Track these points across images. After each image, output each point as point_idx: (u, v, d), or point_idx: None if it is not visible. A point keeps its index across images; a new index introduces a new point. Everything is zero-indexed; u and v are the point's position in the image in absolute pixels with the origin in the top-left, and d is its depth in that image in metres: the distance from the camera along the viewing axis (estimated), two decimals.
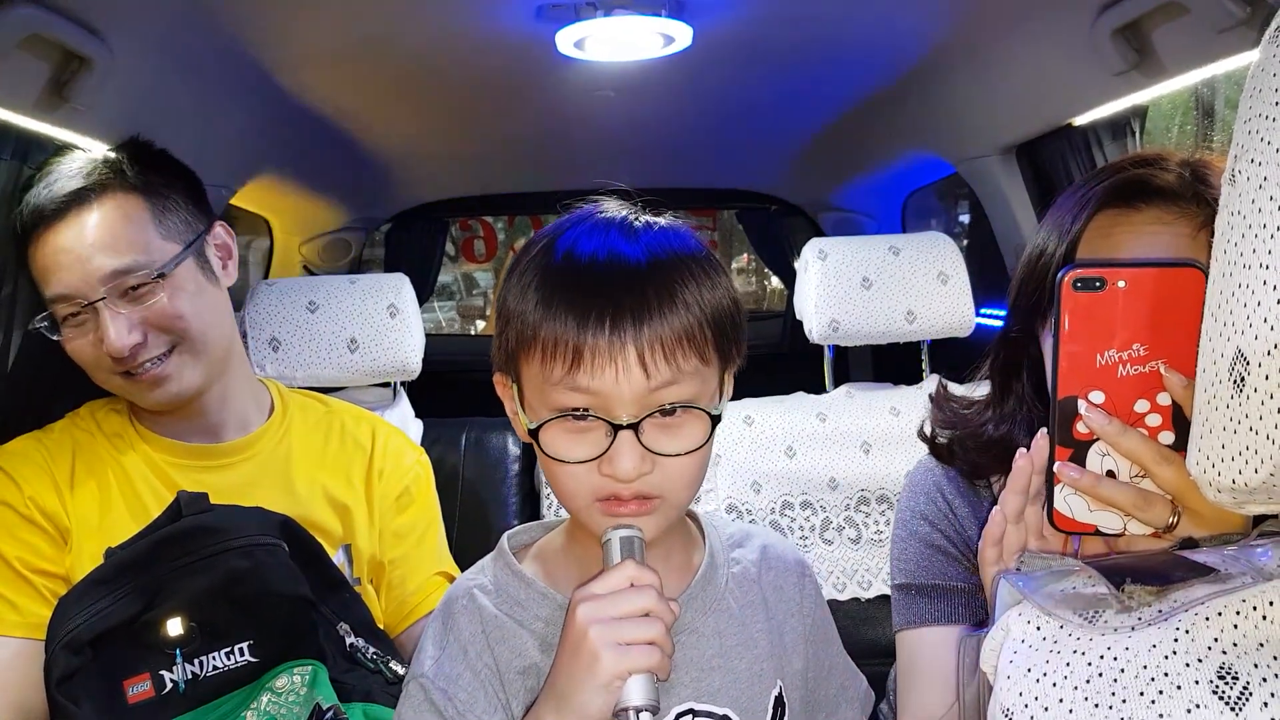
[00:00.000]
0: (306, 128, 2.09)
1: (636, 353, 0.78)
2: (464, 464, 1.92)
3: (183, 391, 1.27)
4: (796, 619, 0.99)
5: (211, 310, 1.31)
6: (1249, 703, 0.56)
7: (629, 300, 0.78)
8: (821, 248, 1.93)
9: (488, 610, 0.90)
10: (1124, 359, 0.79)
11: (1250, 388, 0.50)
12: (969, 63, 1.80)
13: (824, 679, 1.02)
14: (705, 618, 0.93)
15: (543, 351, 0.80)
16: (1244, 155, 0.51)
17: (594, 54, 1.68)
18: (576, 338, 0.78)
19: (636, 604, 0.79)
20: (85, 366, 1.26)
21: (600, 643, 0.77)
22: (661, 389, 0.80)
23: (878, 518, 1.84)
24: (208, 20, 1.45)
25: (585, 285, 0.80)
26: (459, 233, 5.97)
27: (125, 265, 1.21)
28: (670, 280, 0.81)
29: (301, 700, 1.11)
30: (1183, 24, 1.30)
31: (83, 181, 1.23)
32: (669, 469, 0.82)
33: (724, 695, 0.91)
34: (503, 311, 0.85)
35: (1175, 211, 0.95)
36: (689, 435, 0.82)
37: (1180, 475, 0.77)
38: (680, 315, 0.80)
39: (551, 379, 0.80)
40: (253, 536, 1.16)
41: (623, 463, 0.80)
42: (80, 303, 1.21)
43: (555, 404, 0.81)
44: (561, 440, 0.82)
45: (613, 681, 0.77)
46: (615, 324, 0.78)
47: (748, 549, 1.00)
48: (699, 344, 0.81)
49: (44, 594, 1.19)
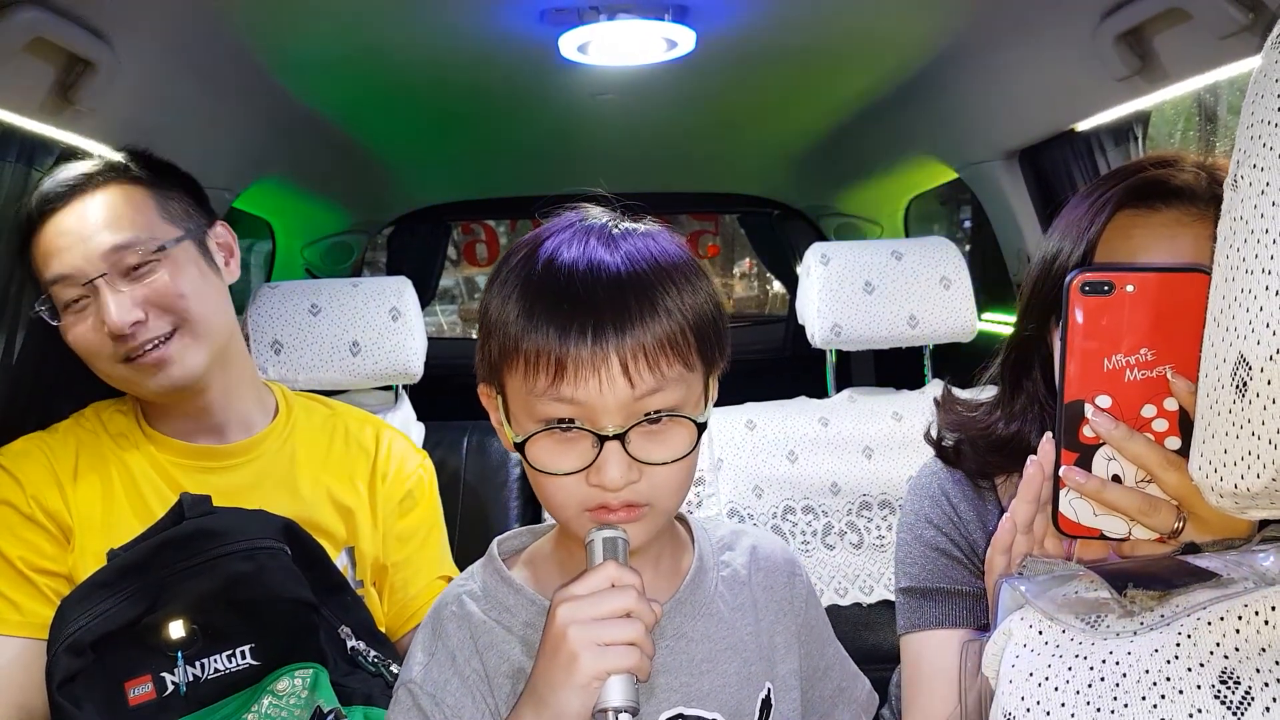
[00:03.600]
0: (309, 131, 2.09)
1: (620, 362, 0.78)
2: (465, 467, 1.92)
3: (185, 376, 1.26)
4: (788, 618, 1.00)
5: (213, 295, 1.32)
6: (1251, 707, 0.56)
7: (610, 310, 0.79)
8: (824, 252, 1.93)
9: (476, 616, 0.91)
10: (1131, 363, 0.78)
11: (1252, 393, 0.50)
12: (972, 68, 1.80)
13: (819, 679, 1.02)
14: (694, 622, 0.93)
15: (525, 363, 0.80)
16: (1246, 160, 0.51)
17: (597, 58, 1.68)
18: (559, 349, 0.78)
19: (617, 604, 0.78)
20: (87, 356, 1.25)
21: (579, 643, 0.77)
22: (646, 397, 0.80)
23: (879, 523, 1.84)
24: (212, 24, 1.45)
25: (566, 295, 0.79)
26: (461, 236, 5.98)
27: (126, 240, 1.22)
28: (650, 287, 0.81)
29: (303, 703, 1.11)
30: (1185, 30, 1.30)
31: (89, 169, 1.26)
32: (656, 477, 0.82)
33: (713, 699, 0.91)
34: (485, 322, 0.86)
35: (1194, 213, 0.95)
36: (675, 443, 0.83)
37: (1186, 481, 0.77)
38: (662, 322, 0.80)
39: (536, 390, 0.80)
40: (255, 540, 1.16)
41: (610, 473, 0.80)
42: (80, 282, 1.21)
43: (540, 415, 0.81)
44: (548, 452, 0.82)
45: (591, 682, 0.77)
46: (597, 334, 0.78)
47: (737, 551, 1.00)
48: (682, 350, 0.81)
49: (46, 594, 1.19)
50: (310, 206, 2.76)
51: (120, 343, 1.22)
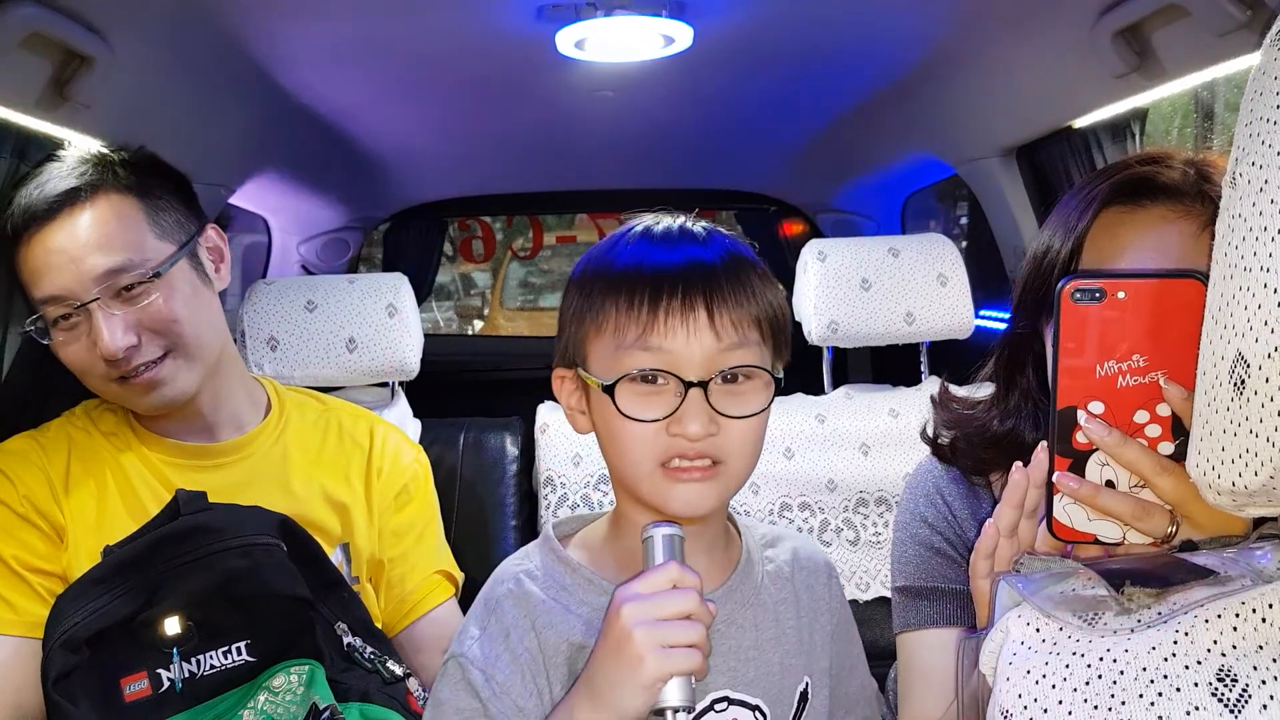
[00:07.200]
0: (306, 127, 2.09)
1: (707, 316, 0.84)
2: (462, 464, 1.92)
3: (177, 396, 1.26)
4: (825, 617, 1.03)
5: (205, 313, 1.30)
6: (1248, 705, 0.56)
7: (699, 278, 0.85)
8: (821, 249, 1.93)
9: (535, 595, 0.93)
10: (1124, 370, 0.79)
11: (1251, 390, 0.50)
12: (969, 64, 1.80)
13: (847, 677, 1.06)
14: (744, 610, 0.96)
15: (616, 322, 0.86)
16: (1244, 158, 0.51)
17: (594, 54, 1.67)
18: (650, 307, 0.84)
19: (680, 606, 0.81)
20: (78, 372, 1.24)
21: (645, 645, 0.79)
22: (729, 351, 0.86)
23: (876, 520, 1.84)
24: (208, 19, 1.44)
25: (659, 272, 0.86)
26: (457, 233, 5.98)
27: (119, 264, 1.20)
28: (738, 270, 0.88)
29: (298, 700, 1.11)
30: (1183, 27, 1.30)
31: (75, 181, 1.22)
32: (733, 433, 0.87)
33: (757, 686, 0.94)
34: (566, 315, 0.92)
35: (1180, 209, 0.95)
36: (753, 399, 0.88)
37: (1179, 486, 0.77)
38: (747, 297, 0.87)
39: (625, 343, 0.85)
40: (251, 536, 1.16)
41: (692, 421, 0.84)
42: (73, 304, 1.19)
43: (627, 365, 0.86)
44: (632, 401, 0.86)
45: (655, 684, 0.79)
46: (687, 292, 0.85)
47: (780, 549, 1.04)
48: (759, 325, 0.88)
49: (40, 593, 1.19)
50: (306, 202, 2.76)
51: (113, 365, 1.21)
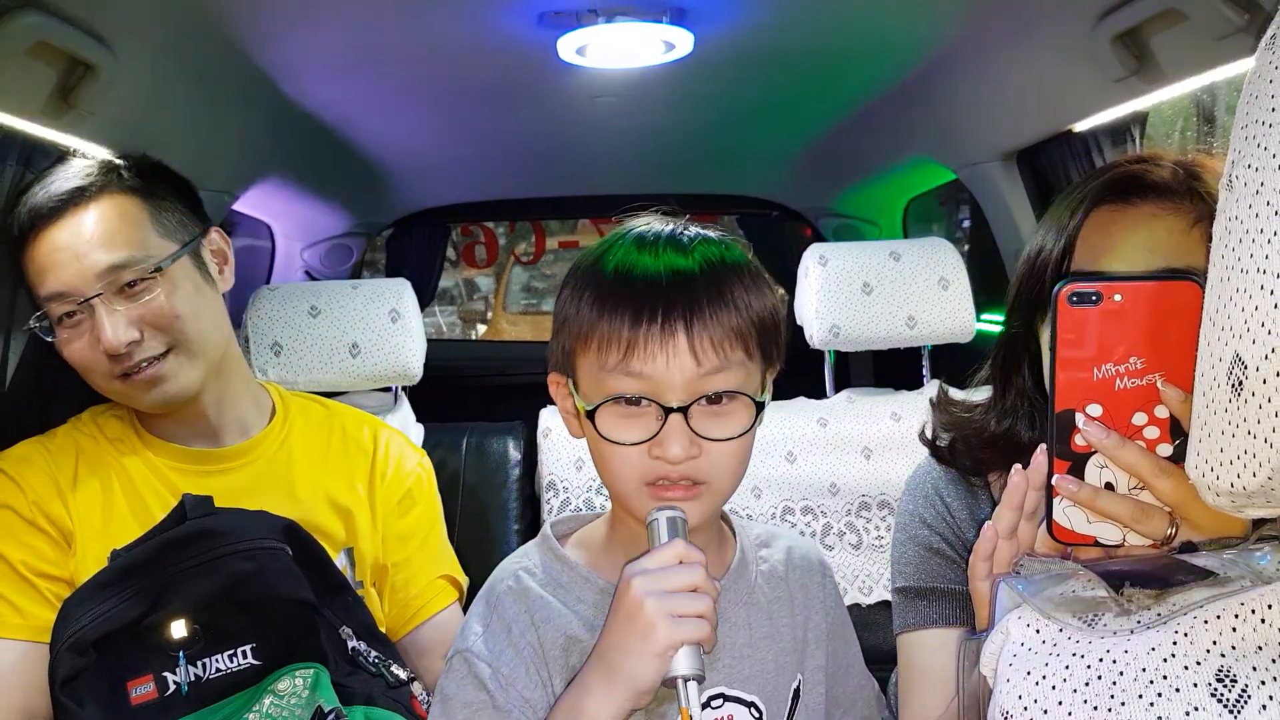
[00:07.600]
0: (309, 133, 2.09)
1: (686, 341, 0.85)
2: (465, 469, 1.92)
3: (180, 393, 1.27)
4: (820, 616, 1.04)
5: (208, 311, 1.31)
6: (1247, 705, 0.56)
7: (680, 297, 0.85)
8: (822, 253, 1.93)
9: (534, 592, 0.95)
10: (1121, 372, 0.79)
11: (1248, 392, 0.50)
12: (970, 69, 1.80)
13: (843, 676, 1.07)
14: (738, 609, 0.98)
15: (599, 342, 0.86)
16: (1241, 161, 0.51)
17: (596, 60, 1.68)
18: (630, 328, 0.85)
19: (687, 579, 0.83)
20: (82, 371, 1.25)
21: (655, 613, 0.81)
22: (710, 375, 0.86)
23: (879, 523, 1.84)
24: (212, 27, 1.45)
25: (641, 284, 0.86)
26: (460, 238, 5.99)
27: (122, 260, 1.21)
28: (718, 283, 0.87)
29: (303, 703, 1.11)
30: (1182, 30, 1.30)
31: (80, 181, 1.23)
32: (715, 454, 0.87)
33: (752, 683, 0.96)
34: (559, 319, 0.93)
35: (1169, 206, 0.96)
36: (735, 421, 0.88)
37: (1178, 487, 0.78)
38: (727, 312, 0.87)
39: (607, 366, 0.86)
40: (256, 540, 1.17)
41: (672, 445, 0.85)
42: (76, 300, 1.20)
43: (610, 390, 0.87)
44: (615, 424, 0.87)
45: (666, 650, 0.81)
46: (667, 315, 0.85)
47: (774, 549, 1.05)
48: (745, 338, 0.88)
49: (47, 597, 1.19)
50: (310, 209, 2.76)
51: (116, 361, 1.22)
